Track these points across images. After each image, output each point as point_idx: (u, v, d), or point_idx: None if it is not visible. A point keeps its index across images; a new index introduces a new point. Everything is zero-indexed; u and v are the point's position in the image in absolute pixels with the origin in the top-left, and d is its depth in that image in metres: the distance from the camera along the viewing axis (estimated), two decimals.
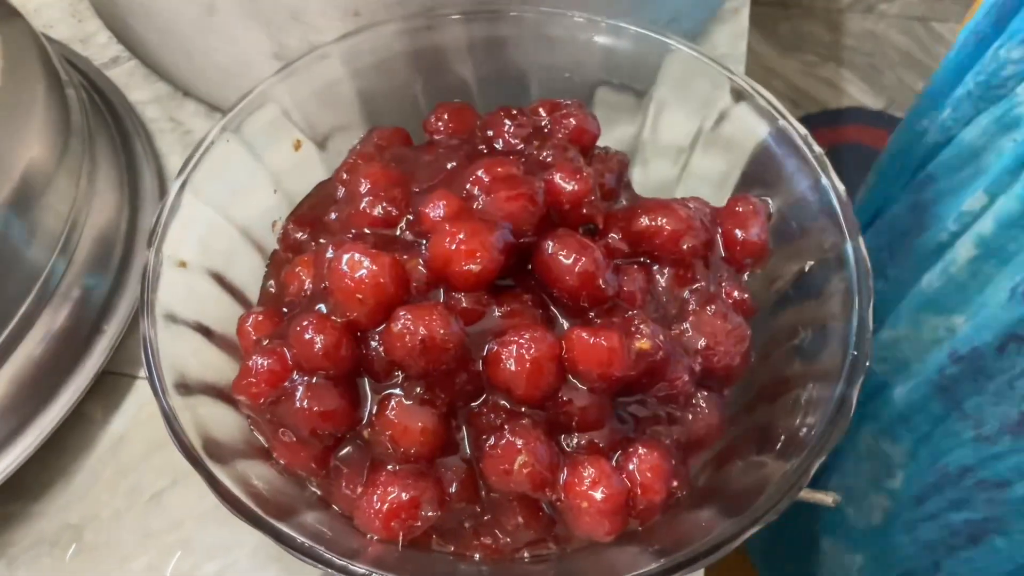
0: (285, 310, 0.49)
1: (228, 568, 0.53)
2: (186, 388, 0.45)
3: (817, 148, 0.51)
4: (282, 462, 0.45)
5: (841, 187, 0.50)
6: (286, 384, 0.44)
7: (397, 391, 0.43)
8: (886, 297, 0.84)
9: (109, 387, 0.60)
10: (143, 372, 0.59)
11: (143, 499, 0.56)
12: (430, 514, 0.42)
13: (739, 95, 0.54)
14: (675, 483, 0.44)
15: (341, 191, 0.53)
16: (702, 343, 0.46)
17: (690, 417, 0.46)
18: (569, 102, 0.55)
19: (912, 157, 0.87)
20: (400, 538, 0.42)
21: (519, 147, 0.52)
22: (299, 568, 0.52)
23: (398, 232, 0.47)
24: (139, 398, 0.60)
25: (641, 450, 0.43)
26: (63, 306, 0.57)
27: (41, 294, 0.56)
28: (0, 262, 0.54)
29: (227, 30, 0.65)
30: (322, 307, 0.44)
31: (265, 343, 0.45)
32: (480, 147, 0.53)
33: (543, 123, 0.54)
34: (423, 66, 0.58)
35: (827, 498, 0.54)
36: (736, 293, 0.49)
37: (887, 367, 0.80)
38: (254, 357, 0.44)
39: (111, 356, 0.59)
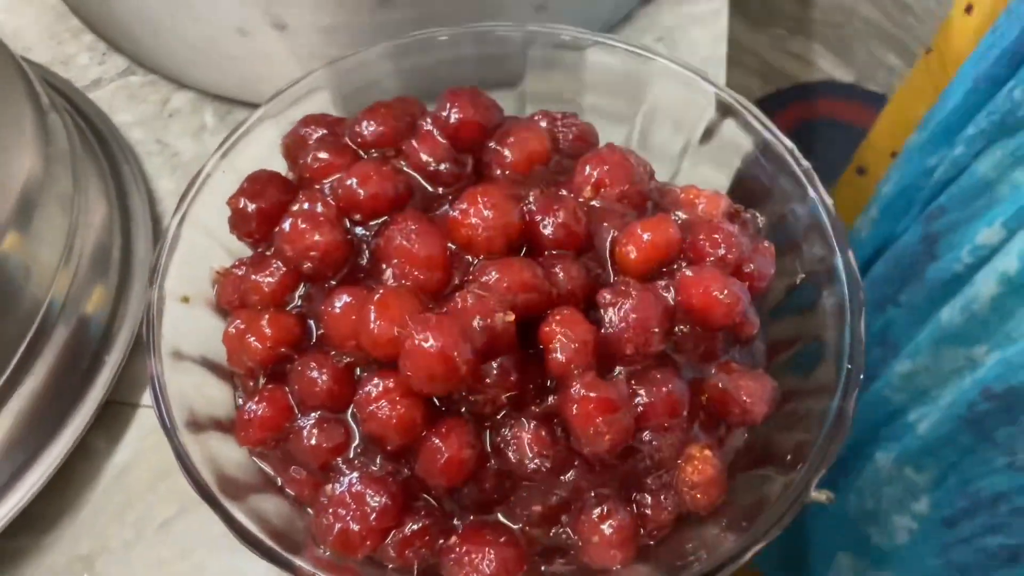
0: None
1: None
2: (196, 425, 0.46)
3: (804, 162, 0.52)
4: (293, 494, 0.46)
5: (829, 200, 0.51)
6: (287, 425, 0.45)
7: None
8: (899, 322, 0.86)
9: (111, 417, 0.60)
10: (144, 400, 0.60)
11: (152, 528, 0.57)
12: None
13: (726, 110, 0.55)
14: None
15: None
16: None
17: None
18: (565, 113, 0.56)
19: (921, 191, 0.89)
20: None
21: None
22: None
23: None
24: (141, 426, 0.60)
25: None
26: (63, 339, 0.58)
27: (41, 329, 0.56)
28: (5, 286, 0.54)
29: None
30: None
31: (258, 384, 0.47)
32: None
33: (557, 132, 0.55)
34: (413, 87, 0.59)
35: (821, 496, 0.56)
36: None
37: (905, 396, 0.82)
38: (247, 405, 0.46)
39: (113, 386, 0.59)
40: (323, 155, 0.52)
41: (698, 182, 0.56)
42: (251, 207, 0.51)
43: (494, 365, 0.43)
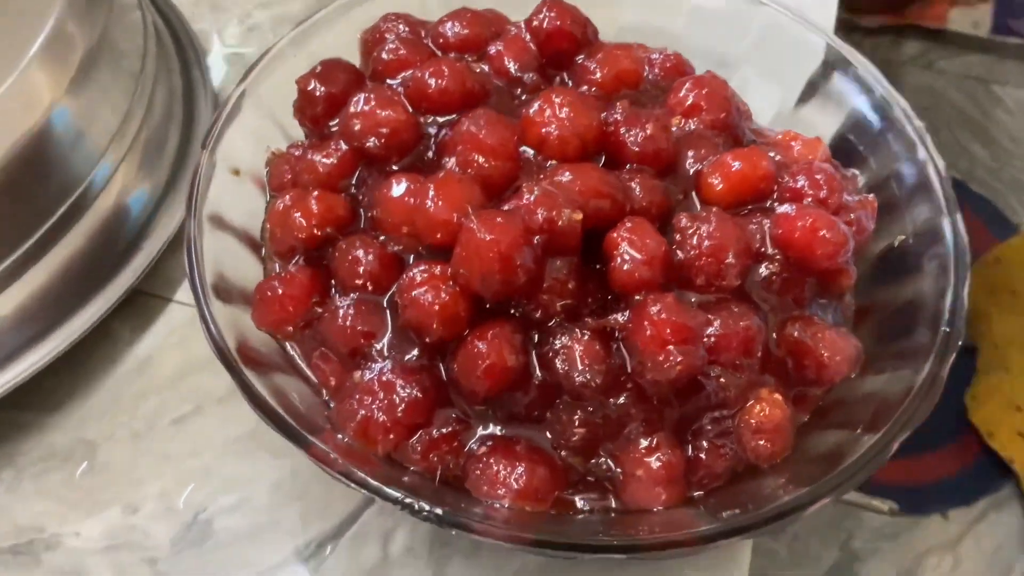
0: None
1: (244, 503, 0.50)
2: (225, 292, 0.43)
3: (917, 121, 0.48)
4: (316, 382, 0.42)
5: (941, 162, 0.46)
6: (312, 307, 0.42)
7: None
8: None
9: (140, 307, 0.57)
10: (177, 296, 0.57)
11: (163, 423, 0.53)
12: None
13: (835, 62, 0.51)
14: None
15: None
16: None
17: None
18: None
19: None
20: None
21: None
22: (320, 508, 0.49)
23: None
24: (171, 321, 0.57)
25: None
26: (101, 217, 0.55)
27: (80, 200, 0.54)
28: (50, 151, 0.51)
29: None
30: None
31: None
32: None
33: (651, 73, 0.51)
34: None
35: (883, 506, 0.51)
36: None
37: None
38: (266, 283, 0.44)
39: (146, 275, 0.56)
40: (399, 50, 0.49)
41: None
42: (320, 90, 0.48)
43: (553, 268, 0.39)
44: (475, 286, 0.37)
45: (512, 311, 0.40)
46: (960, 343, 0.40)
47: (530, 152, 0.43)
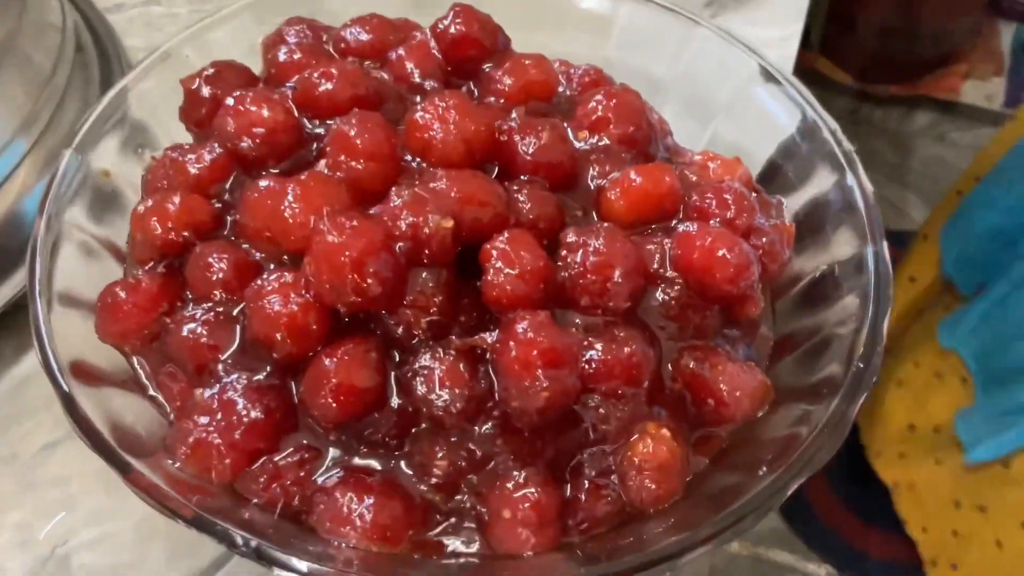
0: None
1: (108, 538, 0.46)
2: (70, 300, 0.39)
3: (847, 144, 0.44)
4: (163, 402, 0.38)
5: (869, 187, 0.43)
6: (161, 317, 0.38)
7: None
8: None
9: (25, 324, 0.53)
10: None
11: (32, 449, 0.49)
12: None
13: (767, 79, 0.48)
14: None
15: None
16: None
17: None
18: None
19: None
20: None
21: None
22: (189, 548, 0.45)
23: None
24: None
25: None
26: None
27: None
28: None
29: None
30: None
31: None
32: None
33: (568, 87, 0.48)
34: None
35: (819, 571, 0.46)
36: None
37: None
38: (110, 288, 0.39)
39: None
40: (294, 53, 0.46)
41: (728, 149, 0.48)
42: (206, 91, 0.45)
43: (419, 280, 0.35)
44: (326, 296, 0.34)
45: (373, 327, 0.36)
46: (875, 380, 0.36)
47: (416, 161, 0.40)
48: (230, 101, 0.41)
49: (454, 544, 0.36)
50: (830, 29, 1.83)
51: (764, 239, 0.40)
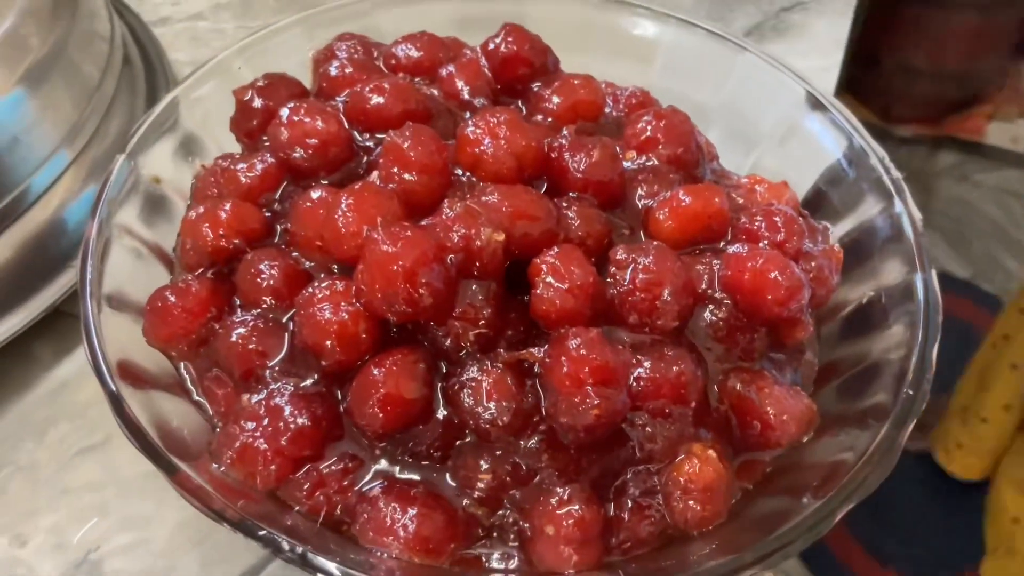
0: None
1: (141, 544, 0.46)
2: (120, 302, 0.39)
3: (895, 172, 0.44)
4: (209, 409, 0.38)
5: (917, 215, 0.42)
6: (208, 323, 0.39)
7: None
8: None
9: (65, 329, 0.54)
10: None
11: (69, 453, 0.49)
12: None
13: (813, 106, 0.48)
14: None
15: None
16: None
17: None
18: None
19: None
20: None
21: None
22: (222, 557, 0.45)
23: None
24: None
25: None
26: (37, 224, 0.53)
27: (16, 202, 0.51)
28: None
29: None
30: None
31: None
32: None
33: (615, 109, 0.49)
34: None
35: None
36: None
37: None
38: (159, 292, 0.40)
39: (69, 295, 0.53)
40: (346, 68, 0.46)
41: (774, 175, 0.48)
42: (258, 102, 0.45)
43: (468, 293, 0.35)
44: (376, 305, 0.34)
45: (421, 339, 0.36)
46: (924, 407, 0.36)
47: (466, 176, 0.40)
48: (284, 112, 0.41)
49: (494, 561, 0.36)
50: (854, 66, 1.82)
51: (813, 263, 0.40)
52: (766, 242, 0.39)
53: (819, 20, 0.77)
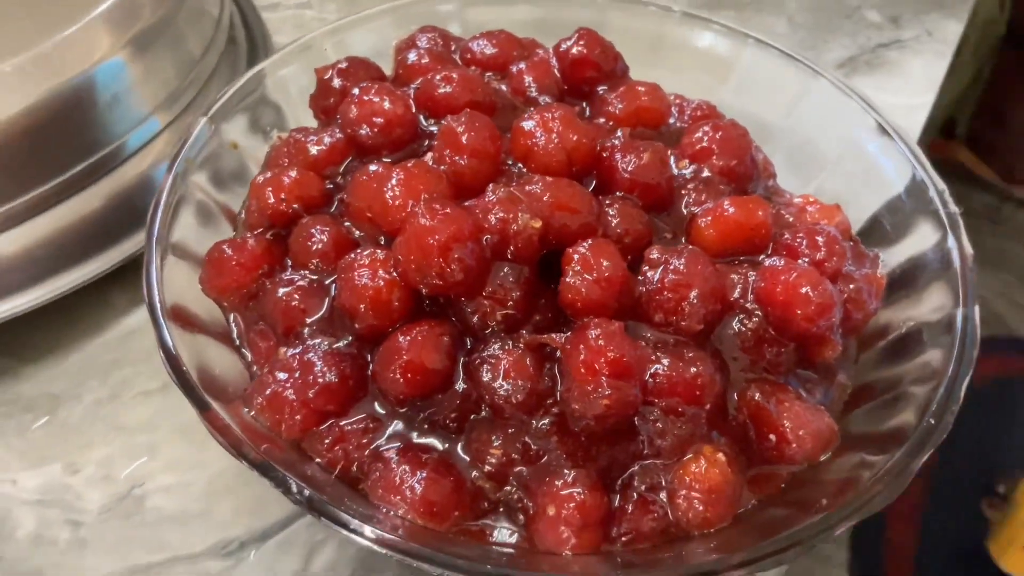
0: None
1: (182, 486, 0.48)
2: (180, 251, 0.42)
3: (952, 207, 0.44)
4: (248, 354, 0.41)
5: (969, 250, 0.42)
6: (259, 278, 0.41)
7: None
8: None
9: (140, 280, 0.57)
10: None
11: (129, 395, 0.52)
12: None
13: (880, 134, 0.47)
14: None
15: None
16: None
17: None
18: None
19: None
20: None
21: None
22: (254, 507, 0.47)
23: None
24: None
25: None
26: (129, 178, 0.56)
27: (112, 156, 0.54)
28: (87, 102, 0.53)
29: None
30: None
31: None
32: None
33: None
34: None
35: None
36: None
37: None
38: (217, 245, 0.42)
39: None
40: (423, 58, 0.48)
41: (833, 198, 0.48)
42: (337, 82, 0.48)
43: (500, 274, 0.36)
44: (410, 275, 0.35)
45: (451, 314, 0.37)
46: (944, 438, 0.35)
47: (518, 167, 0.41)
48: (356, 91, 0.44)
49: (496, 534, 0.37)
50: (978, 122, 1.77)
51: (852, 286, 0.40)
52: (806, 259, 0.40)
53: (915, 59, 0.76)
